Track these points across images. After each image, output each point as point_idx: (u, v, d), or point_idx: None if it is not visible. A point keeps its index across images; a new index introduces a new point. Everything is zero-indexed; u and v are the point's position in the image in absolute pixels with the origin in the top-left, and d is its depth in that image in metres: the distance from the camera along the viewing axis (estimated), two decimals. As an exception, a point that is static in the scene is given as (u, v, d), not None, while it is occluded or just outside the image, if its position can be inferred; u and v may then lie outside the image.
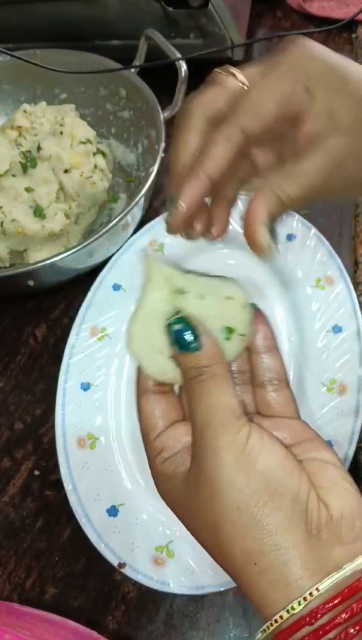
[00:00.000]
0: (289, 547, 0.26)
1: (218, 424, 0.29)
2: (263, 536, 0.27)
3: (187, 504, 0.30)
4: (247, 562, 0.27)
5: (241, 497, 0.27)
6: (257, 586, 0.27)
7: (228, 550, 0.28)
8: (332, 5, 0.89)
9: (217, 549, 0.29)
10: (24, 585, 0.50)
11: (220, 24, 0.73)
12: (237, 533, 0.27)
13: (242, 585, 0.28)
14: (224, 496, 0.27)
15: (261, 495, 0.27)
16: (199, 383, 0.30)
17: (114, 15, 0.75)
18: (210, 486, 0.28)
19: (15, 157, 0.64)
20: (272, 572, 0.26)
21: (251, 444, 0.28)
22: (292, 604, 0.26)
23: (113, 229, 0.56)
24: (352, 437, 0.49)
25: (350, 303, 0.54)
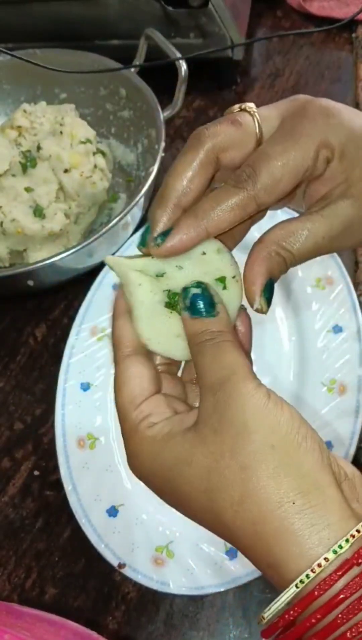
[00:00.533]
0: (326, 487, 0.25)
1: (240, 377, 0.27)
2: (301, 474, 0.26)
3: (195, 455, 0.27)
4: (282, 502, 0.25)
5: (274, 437, 0.26)
6: (293, 529, 0.25)
7: (258, 493, 0.25)
8: (332, 5, 0.89)
9: (239, 497, 0.26)
10: (24, 585, 0.50)
11: (220, 24, 0.73)
12: (272, 473, 0.25)
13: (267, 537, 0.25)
14: (256, 436, 0.26)
15: (294, 436, 0.26)
16: (214, 344, 0.29)
17: (114, 15, 0.75)
18: (235, 428, 0.26)
19: (15, 157, 0.64)
20: (312, 511, 0.25)
21: (273, 397, 0.27)
22: (339, 542, 0.24)
23: (113, 229, 0.56)
24: (352, 437, 0.49)
25: (350, 303, 0.54)
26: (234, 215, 0.30)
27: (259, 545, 0.26)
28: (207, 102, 0.82)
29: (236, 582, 0.45)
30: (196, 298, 0.30)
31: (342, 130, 0.31)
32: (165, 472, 0.28)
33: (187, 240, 0.30)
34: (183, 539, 0.47)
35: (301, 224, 0.31)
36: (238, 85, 0.83)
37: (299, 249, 0.31)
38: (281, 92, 0.82)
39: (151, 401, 0.31)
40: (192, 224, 0.30)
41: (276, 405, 0.27)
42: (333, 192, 0.31)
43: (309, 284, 0.56)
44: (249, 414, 0.27)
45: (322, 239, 0.31)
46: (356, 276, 0.61)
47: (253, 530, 0.26)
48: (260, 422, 0.26)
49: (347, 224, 0.31)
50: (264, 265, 0.30)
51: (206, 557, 0.46)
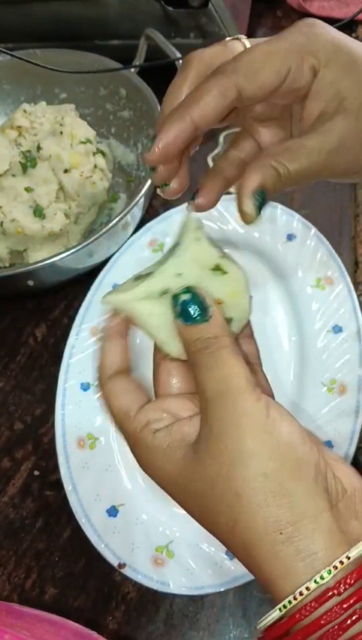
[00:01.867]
0: (316, 516, 0.26)
1: (236, 391, 0.27)
2: (291, 504, 0.26)
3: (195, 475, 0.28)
4: (270, 531, 0.26)
5: (268, 465, 0.26)
6: (280, 556, 0.25)
7: (248, 520, 0.26)
8: (332, 5, 0.89)
9: (232, 521, 0.27)
10: (24, 585, 0.50)
11: (220, 24, 0.73)
12: (263, 501, 0.26)
13: (258, 559, 0.26)
14: (250, 464, 0.26)
15: (288, 463, 0.26)
16: (209, 354, 0.28)
17: (114, 15, 0.75)
18: (230, 456, 0.27)
19: (15, 157, 0.64)
20: (299, 540, 0.25)
21: (272, 413, 0.27)
22: (322, 573, 0.25)
23: (113, 229, 0.56)
24: (352, 437, 0.49)
25: (350, 303, 0.54)
26: (217, 102, 0.29)
27: (251, 563, 0.27)
28: (207, 102, 0.82)
29: (236, 582, 0.45)
30: (185, 304, 0.29)
31: (328, 40, 0.31)
32: (170, 481, 0.29)
33: (174, 133, 0.30)
34: (183, 539, 0.47)
35: (296, 140, 0.31)
36: (238, 85, 0.83)
37: (294, 164, 0.30)
38: (281, 92, 0.81)
39: (146, 409, 0.31)
40: (176, 116, 0.29)
41: (274, 423, 0.27)
42: (326, 110, 0.31)
43: (309, 284, 0.56)
44: (245, 437, 0.27)
45: (318, 154, 0.30)
46: (356, 276, 0.61)
47: (244, 552, 0.27)
48: (255, 447, 0.27)
49: (342, 137, 0.30)
50: (259, 174, 0.30)
51: (206, 557, 0.46)
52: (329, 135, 0.30)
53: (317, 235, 0.57)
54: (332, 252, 0.56)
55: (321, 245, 0.57)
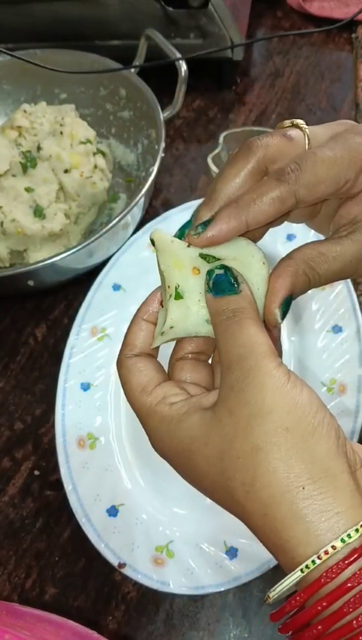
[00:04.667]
0: (338, 474, 0.25)
1: (260, 354, 0.27)
2: (313, 460, 0.25)
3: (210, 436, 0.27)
4: (292, 487, 0.25)
5: (289, 419, 0.26)
6: (301, 515, 0.24)
7: (269, 476, 0.25)
8: (332, 5, 0.89)
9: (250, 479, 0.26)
10: (24, 585, 0.50)
11: (220, 24, 0.73)
12: (284, 456, 0.25)
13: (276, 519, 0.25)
14: (271, 416, 0.26)
15: (310, 420, 0.26)
16: (235, 322, 0.28)
17: (114, 15, 0.75)
18: (251, 408, 0.26)
19: (15, 157, 0.64)
20: (322, 498, 0.25)
21: (293, 378, 0.27)
22: (349, 531, 0.24)
23: (113, 229, 0.56)
24: (352, 437, 0.49)
25: (350, 303, 0.54)
26: (274, 209, 0.30)
27: (268, 527, 0.26)
28: (207, 102, 0.82)
29: (236, 581, 0.45)
30: (219, 278, 0.30)
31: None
32: (183, 450, 0.28)
33: (226, 229, 0.30)
34: (183, 539, 0.47)
35: (331, 246, 0.31)
36: (238, 85, 0.83)
37: (326, 271, 0.31)
38: (281, 92, 0.82)
39: (163, 386, 0.30)
40: (233, 214, 0.30)
41: (295, 386, 0.27)
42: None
43: (309, 284, 0.56)
44: (266, 393, 0.26)
45: (350, 262, 0.31)
46: (356, 276, 0.61)
47: (262, 513, 0.26)
48: (276, 403, 0.26)
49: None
50: (289, 280, 0.30)
51: (206, 557, 0.46)
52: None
53: (317, 236, 0.57)
54: (332, 252, 0.56)
55: (320, 245, 0.57)
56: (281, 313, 0.30)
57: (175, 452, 0.29)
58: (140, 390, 0.31)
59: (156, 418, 0.29)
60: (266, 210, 0.30)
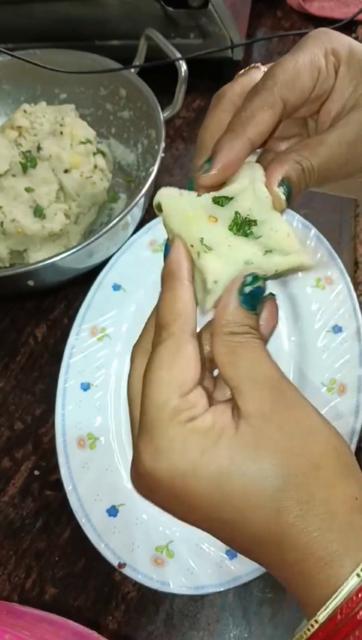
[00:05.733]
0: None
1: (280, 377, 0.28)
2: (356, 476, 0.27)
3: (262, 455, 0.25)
4: (349, 499, 0.26)
5: (334, 440, 0.27)
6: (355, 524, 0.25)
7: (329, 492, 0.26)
8: (332, 5, 0.89)
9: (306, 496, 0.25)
10: (24, 585, 0.50)
11: (220, 24, 0.73)
12: (340, 472, 0.26)
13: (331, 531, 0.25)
14: (322, 437, 0.27)
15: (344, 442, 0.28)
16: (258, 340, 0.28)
17: (114, 15, 0.75)
18: (303, 430, 0.26)
19: (15, 157, 0.64)
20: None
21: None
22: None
23: (113, 229, 0.56)
24: (352, 437, 0.49)
25: (350, 303, 0.54)
26: (269, 117, 0.30)
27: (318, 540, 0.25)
28: (207, 102, 0.81)
29: (236, 581, 0.45)
30: (258, 291, 0.28)
31: (345, 42, 0.32)
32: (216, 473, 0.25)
33: (234, 154, 0.29)
34: (183, 539, 0.47)
35: (315, 137, 0.32)
36: (238, 85, 0.83)
37: (315, 158, 0.30)
38: (281, 92, 0.81)
39: (197, 392, 0.27)
40: (233, 137, 0.29)
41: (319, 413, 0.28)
42: (345, 106, 0.32)
43: (309, 284, 0.56)
44: (309, 414, 0.27)
45: (339, 146, 0.31)
46: (356, 276, 0.61)
47: (317, 527, 0.25)
48: (320, 427, 0.27)
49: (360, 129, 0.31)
50: (282, 167, 0.30)
51: (206, 557, 0.46)
52: (348, 127, 0.31)
53: (317, 236, 0.57)
54: (332, 252, 0.56)
55: (320, 245, 0.57)
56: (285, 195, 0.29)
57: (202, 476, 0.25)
58: (178, 384, 0.26)
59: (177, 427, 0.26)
60: (265, 120, 0.30)
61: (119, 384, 0.55)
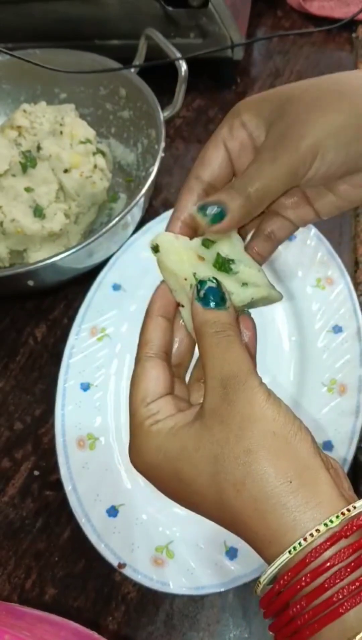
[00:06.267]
0: (318, 470, 0.28)
1: (248, 371, 0.30)
2: (297, 458, 0.28)
3: (202, 442, 0.30)
4: (280, 482, 0.28)
5: (275, 425, 0.29)
6: (289, 506, 0.27)
7: (260, 473, 0.28)
8: (332, 5, 0.89)
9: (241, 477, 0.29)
10: (24, 585, 0.50)
11: (220, 24, 0.73)
12: (273, 456, 0.28)
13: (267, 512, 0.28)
14: (259, 424, 0.29)
15: (291, 427, 0.29)
16: (226, 337, 0.31)
17: (114, 15, 0.75)
18: (241, 417, 0.29)
19: (15, 157, 0.64)
20: (306, 490, 0.28)
21: (272, 394, 0.30)
22: (331, 517, 0.27)
23: (113, 229, 0.56)
24: (353, 437, 0.49)
25: (350, 303, 0.54)
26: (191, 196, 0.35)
27: (257, 520, 0.28)
28: (207, 102, 0.82)
29: (236, 582, 0.45)
30: (212, 290, 0.32)
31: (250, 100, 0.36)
32: (171, 462, 0.31)
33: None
34: (183, 539, 0.47)
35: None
36: (238, 85, 0.83)
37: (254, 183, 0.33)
38: (281, 92, 0.81)
39: (160, 402, 0.33)
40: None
41: (275, 401, 0.30)
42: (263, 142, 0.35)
43: (309, 284, 0.56)
44: (254, 405, 0.29)
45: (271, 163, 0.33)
46: (356, 276, 0.61)
47: (253, 507, 0.28)
48: (263, 413, 0.29)
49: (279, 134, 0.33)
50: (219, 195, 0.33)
51: (206, 557, 0.46)
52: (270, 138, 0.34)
53: (317, 236, 0.57)
54: (332, 252, 0.56)
55: (321, 245, 0.57)
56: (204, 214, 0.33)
57: (160, 464, 0.31)
58: (142, 398, 0.33)
59: (143, 433, 0.32)
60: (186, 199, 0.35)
61: (119, 384, 0.55)
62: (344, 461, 0.48)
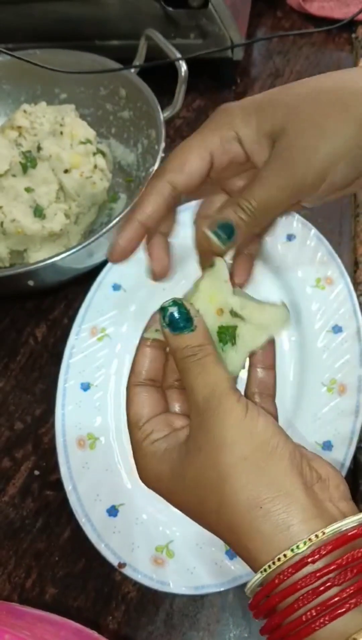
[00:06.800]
0: (292, 492, 0.29)
1: (221, 393, 0.30)
2: (269, 481, 0.29)
3: (186, 469, 0.31)
4: (251, 508, 0.28)
5: (246, 449, 0.29)
6: (260, 530, 0.28)
7: (232, 500, 0.29)
8: (332, 5, 0.89)
9: (217, 504, 0.30)
10: (24, 585, 0.50)
11: (220, 24, 0.73)
12: (245, 481, 0.29)
13: (241, 536, 0.29)
14: (231, 449, 0.29)
15: (264, 448, 0.29)
16: (196, 361, 0.31)
17: (114, 15, 0.75)
18: (215, 443, 0.30)
19: (15, 157, 0.64)
20: (277, 514, 0.28)
21: (251, 410, 0.31)
22: (298, 543, 0.27)
23: (113, 229, 0.56)
24: (352, 437, 0.49)
25: (350, 303, 0.54)
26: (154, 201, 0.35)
27: (236, 543, 0.30)
28: (207, 102, 0.82)
29: (235, 581, 0.45)
30: (172, 316, 0.32)
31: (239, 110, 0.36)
32: (166, 482, 0.32)
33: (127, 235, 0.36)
34: (183, 539, 0.47)
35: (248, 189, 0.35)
36: (238, 85, 0.83)
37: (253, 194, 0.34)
38: (281, 92, 0.82)
39: (152, 422, 0.34)
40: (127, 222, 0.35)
41: (252, 418, 0.30)
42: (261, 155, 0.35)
43: (309, 284, 0.56)
44: (227, 430, 0.30)
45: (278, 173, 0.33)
46: (356, 276, 0.61)
47: (230, 532, 0.30)
48: (235, 436, 0.30)
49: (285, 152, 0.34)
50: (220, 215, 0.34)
51: (206, 557, 0.46)
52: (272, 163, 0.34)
53: (317, 236, 0.57)
54: (332, 252, 0.56)
55: (320, 245, 0.57)
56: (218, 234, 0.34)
57: (161, 484, 0.33)
58: (134, 422, 0.34)
59: (141, 453, 0.33)
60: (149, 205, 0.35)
61: (119, 384, 0.55)
62: (343, 461, 0.48)
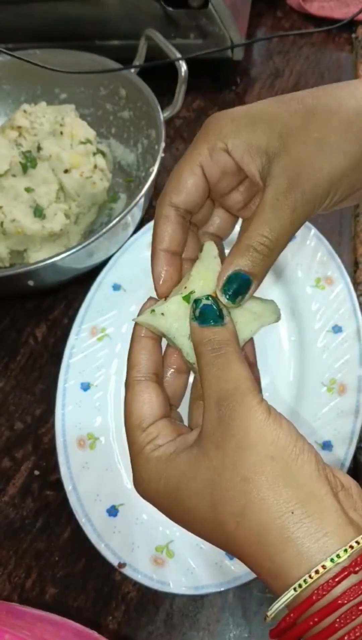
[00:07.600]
0: (323, 496, 0.26)
1: (244, 390, 0.28)
2: (299, 485, 0.26)
3: (198, 471, 0.28)
4: (282, 512, 0.26)
5: (273, 448, 0.27)
6: (292, 538, 0.25)
7: (259, 503, 0.26)
8: (332, 5, 0.89)
9: (241, 507, 0.26)
10: (24, 585, 0.50)
11: (220, 24, 0.73)
12: (272, 484, 0.26)
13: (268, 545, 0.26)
14: (256, 449, 0.27)
15: (292, 449, 0.27)
16: (222, 354, 0.30)
17: (114, 15, 0.75)
18: (237, 441, 0.27)
19: (15, 157, 0.64)
20: (311, 520, 0.25)
21: (273, 412, 0.29)
22: (338, 552, 0.24)
23: (113, 229, 0.56)
24: (352, 437, 0.49)
25: (350, 303, 0.54)
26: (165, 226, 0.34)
27: (260, 553, 0.26)
28: (207, 102, 0.82)
29: (236, 581, 0.45)
30: (206, 308, 0.31)
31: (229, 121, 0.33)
32: (171, 489, 0.29)
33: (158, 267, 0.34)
34: (183, 539, 0.47)
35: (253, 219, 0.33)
36: (238, 85, 0.83)
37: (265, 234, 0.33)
38: (281, 92, 0.81)
39: (158, 425, 0.31)
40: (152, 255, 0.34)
41: (275, 420, 0.28)
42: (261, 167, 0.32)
43: (309, 284, 0.56)
44: (250, 428, 0.27)
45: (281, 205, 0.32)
46: (356, 276, 0.61)
47: (255, 540, 0.26)
48: (260, 436, 0.27)
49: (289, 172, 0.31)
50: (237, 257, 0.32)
51: (205, 557, 0.46)
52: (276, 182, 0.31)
53: (317, 236, 0.57)
54: (332, 252, 0.56)
55: (320, 245, 0.57)
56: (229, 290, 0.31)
57: (163, 492, 0.30)
58: (137, 424, 0.31)
59: (143, 459, 0.31)
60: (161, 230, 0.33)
61: (119, 384, 0.55)
62: (344, 461, 0.48)
